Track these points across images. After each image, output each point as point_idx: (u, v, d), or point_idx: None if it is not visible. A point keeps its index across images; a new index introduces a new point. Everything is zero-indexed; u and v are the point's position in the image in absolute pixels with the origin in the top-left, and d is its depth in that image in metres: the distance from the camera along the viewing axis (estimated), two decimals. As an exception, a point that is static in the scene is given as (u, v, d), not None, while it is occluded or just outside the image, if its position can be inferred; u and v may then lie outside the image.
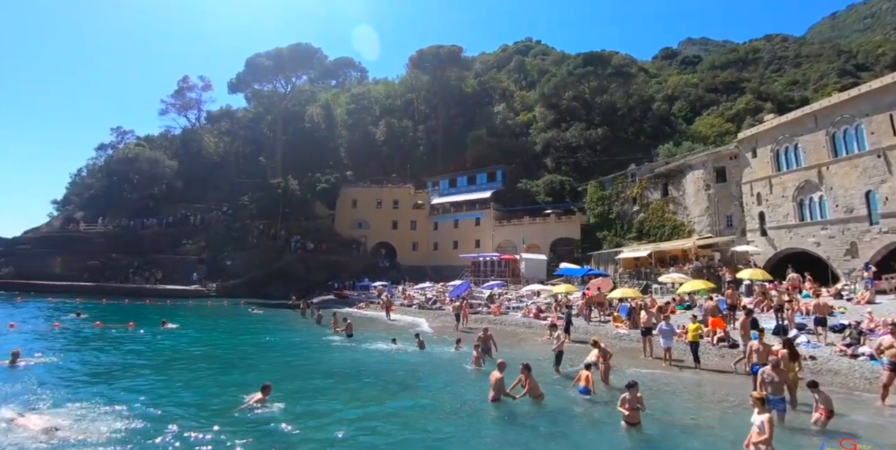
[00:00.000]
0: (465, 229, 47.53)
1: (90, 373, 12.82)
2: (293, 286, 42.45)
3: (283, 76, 60.22)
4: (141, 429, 8.20)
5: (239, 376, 12.89)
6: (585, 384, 10.43)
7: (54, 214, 61.92)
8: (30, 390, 10.27)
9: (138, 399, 10.09)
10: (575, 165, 49.78)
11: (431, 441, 7.89)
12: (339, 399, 10.44)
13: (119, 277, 45.15)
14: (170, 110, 64.65)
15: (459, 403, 10.29)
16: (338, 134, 62.71)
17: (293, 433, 8.17)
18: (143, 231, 51.01)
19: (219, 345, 19.06)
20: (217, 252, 48.45)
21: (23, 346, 14.84)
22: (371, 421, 9.01)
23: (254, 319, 29.52)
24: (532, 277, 34.47)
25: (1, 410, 8.36)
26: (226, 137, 64.27)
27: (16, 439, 7.40)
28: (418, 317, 28.43)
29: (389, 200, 52.74)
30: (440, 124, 60.83)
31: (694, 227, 32.04)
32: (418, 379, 12.66)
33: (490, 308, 26.36)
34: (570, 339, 18.31)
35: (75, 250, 47.39)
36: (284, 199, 51.13)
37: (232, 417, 8.99)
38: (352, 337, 20.26)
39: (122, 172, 56.51)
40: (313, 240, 49.83)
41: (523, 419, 9.21)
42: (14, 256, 47.65)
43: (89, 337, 19.72)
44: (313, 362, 15.38)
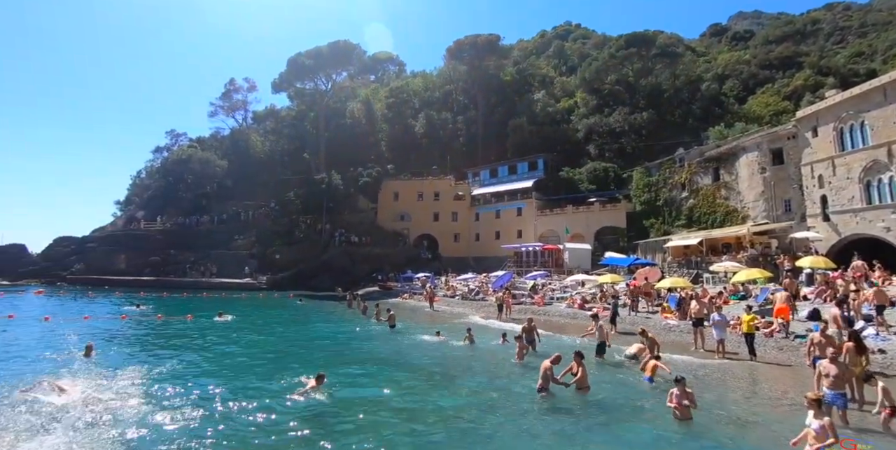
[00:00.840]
0: (507, 220, 47.16)
1: (154, 362, 13.62)
2: (338, 279, 43.60)
3: (324, 74, 61.29)
4: (201, 411, 8.72)
5: (292, 363, 13.44)
6: (651, 375, 10.23)
7: (118, 214, 66.20)
8: (104, 378, 11.01)
9: (198, 384, 10.79)
10: (619, 152, 48.28)
11: (476, 432, 7.90)
12: (384, 388, 10.63)
13: (177, 272, 47.79)
14: (218, 112, 67.34)
15: (503, 394, 10.27)
16: (378, 128, 63.38)
17: (343, 420, 8.46)
18: (198, 228, 53.66)
19: (271, 334, 19.86)
20: (266, 246, 50.38)
21: (94, 337, 16.03)
22: (416, 411, 9.12)
23: (302, 310, 30.58)
24: (576, 267, 33.87)
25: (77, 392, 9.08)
26: (271, 135, 66.28)
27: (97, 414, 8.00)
28: (462, 308, 28.58)
29: (430, 192, 52.98)
30: (479, 114, 60.35)
31: (748, 213, 30.45)
32: (462, 370, 12.74)
33: (533, 299, 26.14)
34: (616, 330, 17.99)
35: (137, 247, 50.45)
36: (328, 193, 52.31)
37: (287, 401, 9.39)
38: (395, 328, 20.60)
39: (176, 173, 59.47)
40: (357, 233, 50.90)
41: (569, 410, 9.09)
42: (84, 254, 51.27)
43: (152, 328, 20.99)
44: (359, 351, 15.76)
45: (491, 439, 7.62)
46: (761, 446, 7.32)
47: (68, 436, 7.34)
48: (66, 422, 7.99)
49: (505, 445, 7.35)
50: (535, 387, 10.11)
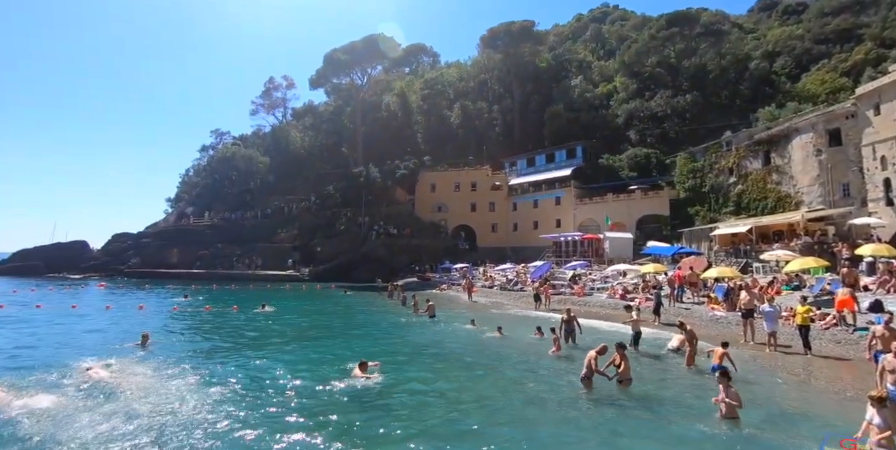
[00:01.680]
0: (545, 209, 46.52)
1: (205, 350, 14.38)
2: (378, 270, 44.34)
3: (359, 68, 61.87)
4: (252, 396, 9.21)
5: (337, 350, 13.94)
6: (720, 361, 10.04)
7: (169, 211, 69.53)
8: (161, 365, 11.70)
9: (248, 371, 11.36)
10: (661, 137, 46.60)
11: (518, 421, 7.88)
12: (425, 376, 10.78)
13: (225, 265, 49.85)
14: (259, 110, 69.32)
15: (543, 384, 10.24)
16: (414, 120, 63.58)
17: (387, 405, 8.69)
18: (244, 222, 55.74)
19: (315, 324, 20.47)
20: (308, 239, 51.77)
21: (149, 326, 17.00)
22: (457, 399, 9.18)
23: (344, 300, 31.38)
24: (617, 256, 33.12)
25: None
26: (310, 131, 67.68)
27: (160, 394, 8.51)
28: (500, 298, 28.52)
29: (467, 182, 52.87)
30: (515, 103, 59.52)
31: (802, 198, 28.83)
32: (500, 359, 12.74)
33: (573, 289, 25.77)
34: (659, 321, 17.55)
35: (188, 242, 52.94)
36: (366, 186, 53.09)
37: (336, 387, 9.76)
38: (434, 318, 20.83)
39: (222, 170, 61.81)
40: (395, 225, 51.51)
41: (612, 402, 8.94)
42: (139, 249, 54.20)
43: (202, 319, 22.02)
44: (400, 340, 16.03)
45: (532, 428, 7.59)
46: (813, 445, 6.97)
47: (125, 415, 7.84)
48: (123, 402, 8.57)
49: (546, 435, 7.29)
50: (574, 378, 10.06)
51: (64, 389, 9.44)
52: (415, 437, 7.10)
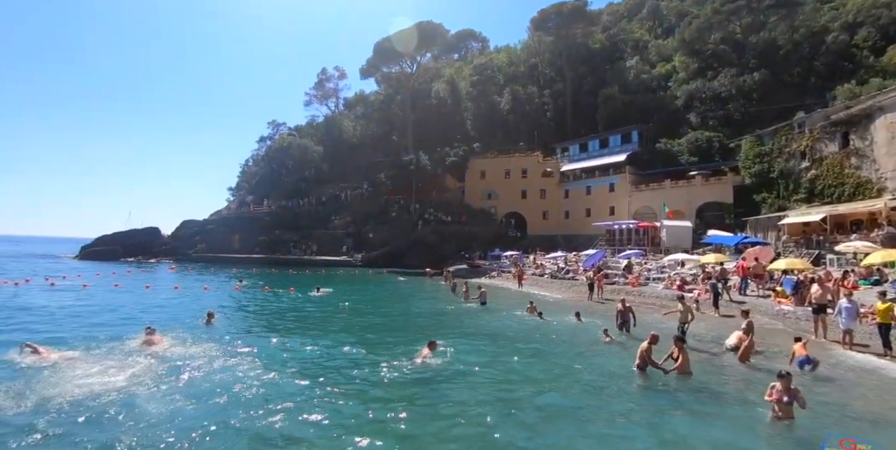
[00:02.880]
0: (599, 196, 45.31)
1: (264, 328, 15.28)
2: (428, 256, 44.90)
3: (409, 56, 61.99)
4: (307, 372, 9.71)
5: (396, 333, 14.46)
6: (805, 353, 9.82)
7: (231, 199, 73.10)
8: (223, 340, 12.54)
9: (304, 349, 11.98)
10: (725, 119, 44.00)
11: (571, 411, 7.83)
12: (477, 362, 10.88)
13: (283, 250, 52.14)
14: (313, 101, 71.27)
15: (596, 372, 10.15)
16: (463, 107, 63.25)
17: (449, 387, 8.92)
18: (300, 210, 57.88)
19: (369, 306, 21.11)
20: (361, 226, 53.14)
21: (213, 306, 18.17)
22: (510, 385, 9.20)
23: (397, 285, 32.20)
24: (674, 245, 31.89)
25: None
26: (361, 120, 68.86)
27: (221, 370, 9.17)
28: (551, 286, 28.24)
29: (518, 169, 52.27)
30: (567, 86, 57.92)
31: (885, 184, 26.46)
32: (551, 346, 12.72)
33: (627, 279, 25.10)
34: (718, 313, 16.88)
35: (248, 228, 55.70)
36: (416, 174, 53.59)
37: (403, 368, 10.15)
38: (485, 305, 20.96)
39: (278, 160, 64.17)
40: (445, 212, 51.86)
41: (667, 396, 8.74)
42: (205, 235, 57.61)
43: (261, 299, 23.23)
44: (453, 325, 16.23)
45: (584, 417, 7.55)
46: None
47: (184, 385, 8.48)
48: (184, 373, 9.32)
49: (599, 425, 7.23)
50: (628, 367, 10.00)
51: (132, 359, 10.35)
52: (468, 421, 7.20)
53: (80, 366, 9.70)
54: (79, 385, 8.46)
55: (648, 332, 10.57)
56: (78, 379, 8.83)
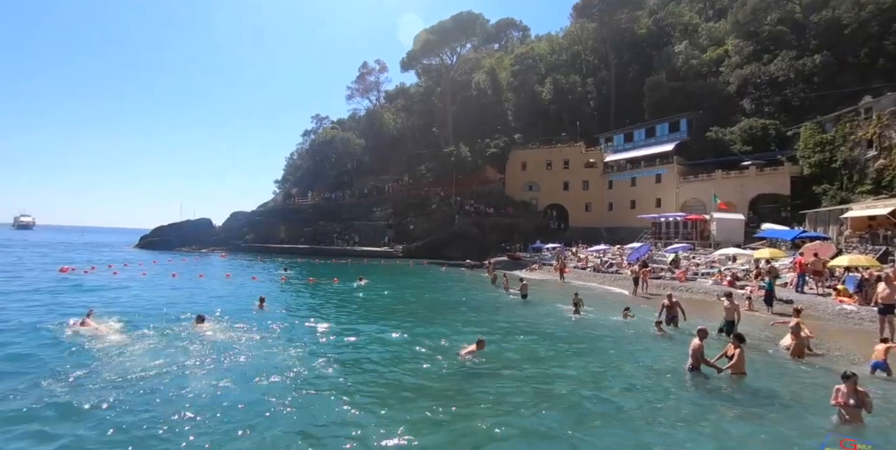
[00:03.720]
0: (644, 187, 44.01)
1: (310, 316, 15.73)
2: (468, 248, 45.03)
3: (449, 48, 61.74)
4: (351, 361, 10.00)
5: (437, 325, 14.65)
6: (884, 358, 9.37)
7: (277, 192, 75.50)
8: (273, 328, 13.15)
9: (355, 339, 12.35)
10: (782, 105, 41.60)
11: (616, 407, 7.72)
12: (519, 356, 10.91)
13: (326, 241, 53.52)
14: (354, 95, 72.20)
15: (641, 370, 9.93)
16: (504, 98, 62.52)
17: (491, 381, 8.95)
18: (342, 202, 59.14)
19: (413, 297, 21.46)
20: (402, 218, 53.81)
21: (263, 293, 18.96)
22: (553, 382, 9.13)
23: (438, 276, 32.61)
24: (725, 239, 30.65)
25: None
26: (402, 112, 69.27)
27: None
28: (594, 280, 27.79)
29: (559, 160, 51.42)
30: (611, 74, 56.22)
31: (964, 173, 24.49)
32: (595, 342, 12.54)
33: (674, 273, 24.38)
34: (771, 311, 16.16)
35: (294, 220, 57.42)
36: (457, 166, 53.63)
37: (447, 361, 10.28)
38: (526, 298, 20.88)
39: (322, 153, 65.58)
40: (486, 204, 51.78)
41: (720, 396, 8.43)
42: (253, 226, 59.81)
43: (307, 289, 23.98)
44: (494, 318, 16.26)
45: (634, 416, 7.34)
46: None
47: (232, 365, 8.97)
48: (236, 357, 9.85)
49: (651, 425, 7.02)
50: (678, 365, 9.75)
51: (183, 342, 11.13)
52: (510, 417, 7.19)
53: (135, 346, 10.56)
54: (133, 363, 9.22)
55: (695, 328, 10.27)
56: (132, 358, 9.62)
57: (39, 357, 9.71)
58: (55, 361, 9.41)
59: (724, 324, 13.00)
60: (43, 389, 7.79)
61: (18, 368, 8.99)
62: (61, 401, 7.23)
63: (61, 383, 8.08)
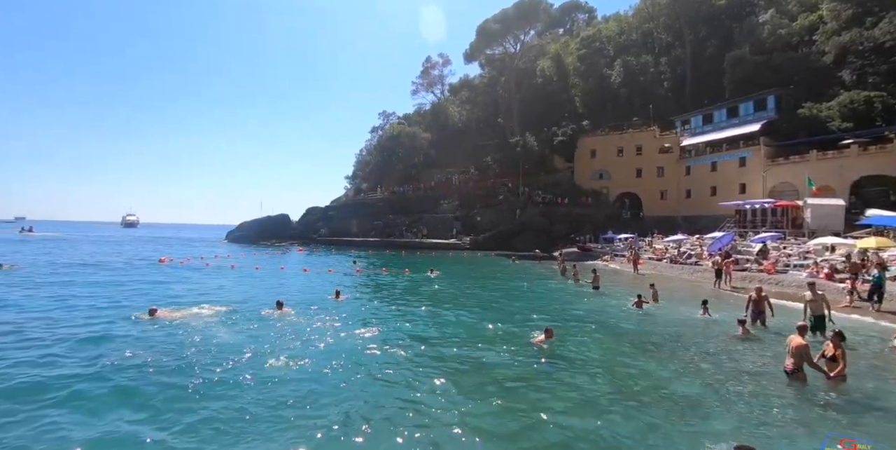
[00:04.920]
0: (726, 172, 41.09)
1: (385, 306, 16.34)
2: (536, 239, 44.51)
3: (512, 36, 60.78)
4: (432, 352, 10.29)
5: (507, 315, 14.72)
6: None
7: (348, 187, 78.47)
8: (348, 317, 13.84)
9: (427, 328, 12.71)
10: (890, 74, 36.94)
11: (704, 412, 7.26)
12: (589, 350, 10.69)
13: (396, 234, 55.04)
14: (419, 90, 73.15)
15: (725, 371, 9.24)
16: (570, 84, 60.57)
17: (561, 374, 8.89)
18: (410, 195, 60.43)
19: (483, 289, 21.54)
20: (468, 210, 54.11)
21: (338, 284, 20.03)
22: (626, 379, 8.82)
23: (507, 268, 32.51)
24: (822, 227, 27.97)
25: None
26: (467, 104, 69.31)
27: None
28: (671, 272, 26.51)
29: (631, 146, 49.24)
30: (687, 52, 52.71)
31: None
32: (671, 338, 11.98)
33: (762, 265, 22.64)
34: (879, 308, 14.61)
35: (364, 214, 59.53)
36: (523, 156, 52.93)
37: (518, 350, 10.41)
38: (598, 289, 20.39)
39: (389, 148, 67.21)
40: (554, 194, 50.81)
41: (816, 401, 7.65)
42: (327, 221, 62.65)
43: (380, 280, 24.81)
44: (564, 310, 16.00)
45: (718, 421, 6.85)
46: None
47: (311, 353, 9.51)
48: (311, 343, 10.53)
49: (735, 431, 6.54)
50: (766, 367, 9.12)
51: (265, 328, 12.13)
52: (578, 412, 7.01)
53: (223, 330, 11.71)
54: (222, 345, 10.25)
55: (788, 326, 9.48)
56: (221, 340, 10.69)
57: (136, 338, 10.87)
58: (150, 342, 10.48)
59: (811, 319, 11.80)
60: (146, 367, 8.70)
61: (118, 348, 10.01)
62: (163, 380, 8.00)
63: (163, 362, 8.98)
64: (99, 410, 6.83)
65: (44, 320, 12.60)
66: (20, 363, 8.80)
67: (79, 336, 10.89)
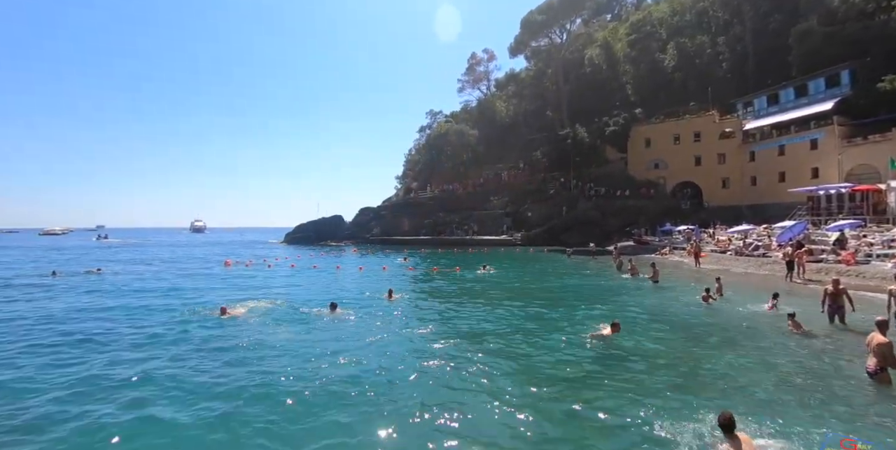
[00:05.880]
0: (796, 156, 38.27)
1: (439, 303, 16.50)
2: (589, 233, 43.36)
3: (557, 26, 59.42)
4: (489, 347, 10.29)
5: (565, 310, 14.61)
6: None
7: (398, 187, 79.71)
8: (402, 315, 14.22)
9: (484, 325, 12.73)
10: None
11: (770, 405, 6.77)
12: (652, 346, 10.31)
13: (446, 231, 55.41)
14: (465, 87, 73.09)
15: (801, 370, 8.61)
16: (621, 71, 58.37)
17: (627, 368, 8.73)
18: (460, 192, 60.55)
19: (538, 283, 21.44)
20: (519, 205, 53.61)
21: (391, 283, 20.48)
22: (695, 373, 8.50)
23: (559, 263, 32.09)
24: (909, 211, 25.54)
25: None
26: (513, 99, 68.52)
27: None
28: (735, 265, 25.07)
29: (689, 132, 46.91)
30: (747, 29, 49.39)
31: None
32: (739, 333, 11.35)
33: (839, 255, 20.95)
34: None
35: (415, 212, 60.27)
36: (574, 148, 51.63)
37: (579, 346, 10.28)
38: (657, 284, 19.65)
39: (437, 146, 67.67)
40: (607, 186, 49.37)
41: (883, 402, 7.00)
42: (379, 220, 63.91)
43: (432, 278, 25.03)
44: (623, 305, 15.48)
45: (799, 424, 6.18)
46: None
47: (364, 350, 9.96)
48: (365, 340, 10.89)
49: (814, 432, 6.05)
50: (840, 368, 8.49)
51: (319, 325, 12.76)
52: (648, 408, 6.73)
53: (282, 328, 12.31)
54: (282, 342, 10.82)
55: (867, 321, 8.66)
56: (275, 337, 11.28)
57: (212, 335, 11.52)
58: (222, 339, 11.14)
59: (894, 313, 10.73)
60: (212, 362, 9.27)
61: (195, 344, 10.71)
62: (226, 373, 8.47)
63: (231, 356, 9.56)
64: (186, 400, 7.34)
65: (129, 320, 13.67)
66: (114, 362, 9.49)
67: (159, 334, 11.79)
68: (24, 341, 11.27)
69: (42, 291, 20.21)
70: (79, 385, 8.03)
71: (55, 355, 10.02)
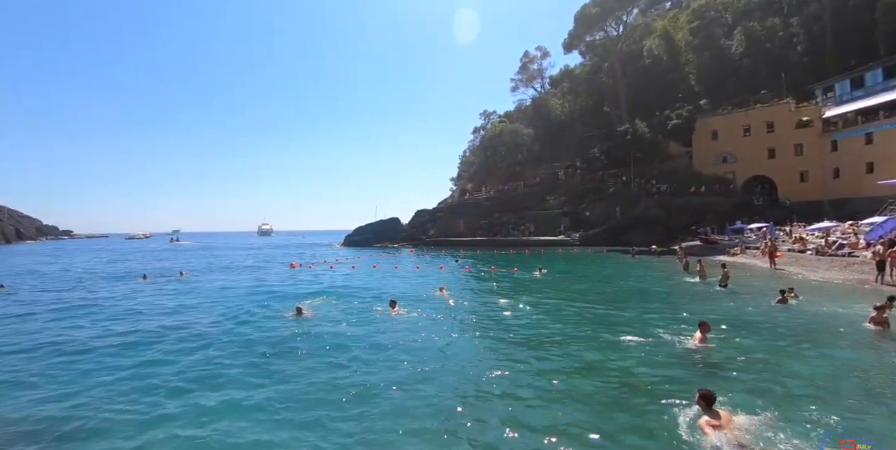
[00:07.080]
0: (886, 144, 34.90)
1: (494, 304, 16.39)
2: (652, 233, 41.67)
3: (613, 18, 57.44)
4: (558, 352, 10.11)
5: (633, 312, 14.21)
6: None
7: (454, 189, 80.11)
8: (455, 312, 14.63)
9: (550, 328, 12.45)
10: None
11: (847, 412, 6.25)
12: (733, 350, 9.77)
13: (503, 232, 55.03)
14: (519, 86, 72.01)
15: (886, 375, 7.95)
16: (683, 61, 55.60)
17: (710, 379, 8.12)
18: (516, 193, 59.95)
19: (600, 286, 20.90)
20: (577, 204, 52.35)
21: (445, 282, 20.79)
22: (779, 382, 7.89)
23: (621, 264, 31.08)
24: None
25: None
26: (568, 96, 66.87)
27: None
28: (816, 265, 23.17)
29: (760, 123, 44.01)
30: (825, 6, 45.60)
31: None
32: (823, 341, 10.52)
33: (940, 254, 18.87)
34: None
35: (471, 213, 60.26)
36: (633, 144, 49.80)
37: (675, 351, 9.82)
38: (727, 287, 18.52)
39: (492, 147, 67.42)
40: (670, 182, 47.24)
41: None
42: (435, 222, 64.44)
43: (489, 278, 24.81)
44: (695, 309, 14.64)
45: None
46: None
47: (418, 346, 10.34)
48: (419, 336, 11.37)
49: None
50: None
51: (378, 323, 13.29)
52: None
53: (346, 325, 12.99)
54: (346, 338, 11.45)
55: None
56: (346, 334, 11.93)
57: (293, 334, 12.10)
58: (300, 338, 11.71)
59: None
60: (292, 357, 9.91)
61: (273, 343, 11.32)
62: (292, 369, 8.89)
63: (297, 355, 10.08)
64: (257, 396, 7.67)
65: (210, 323, 14.31)
66: (199, 360, 10.11)
67: (242, 334, 12.51)
68: (131, 336, 12.54)
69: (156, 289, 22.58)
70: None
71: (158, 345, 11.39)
